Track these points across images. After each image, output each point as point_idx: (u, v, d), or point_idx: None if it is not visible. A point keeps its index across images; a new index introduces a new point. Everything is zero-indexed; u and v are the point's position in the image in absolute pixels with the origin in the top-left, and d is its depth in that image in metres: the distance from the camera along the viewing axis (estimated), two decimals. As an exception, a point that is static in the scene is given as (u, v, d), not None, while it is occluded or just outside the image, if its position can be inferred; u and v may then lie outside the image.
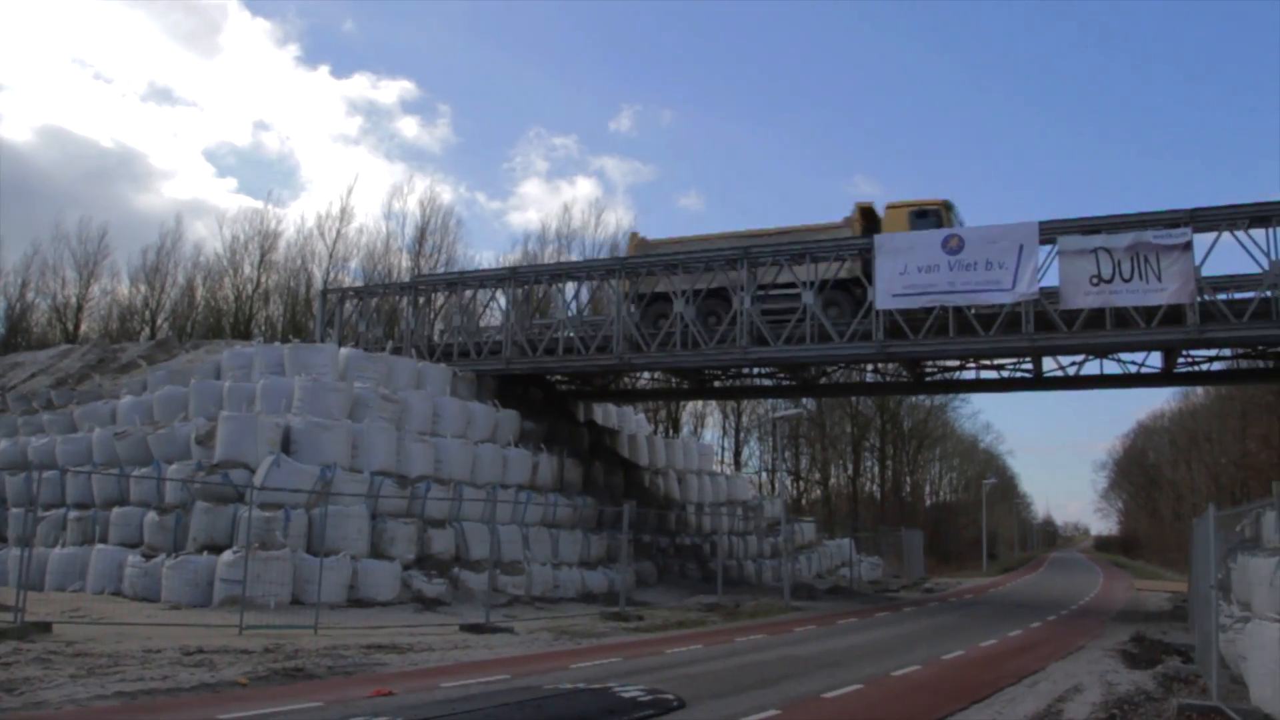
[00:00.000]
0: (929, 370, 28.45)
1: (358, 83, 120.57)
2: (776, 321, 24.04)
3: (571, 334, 27.13)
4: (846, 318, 23.73)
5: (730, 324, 24.39)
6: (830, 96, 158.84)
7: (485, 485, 23.39)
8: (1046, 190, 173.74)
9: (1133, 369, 25.67)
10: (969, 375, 28.69)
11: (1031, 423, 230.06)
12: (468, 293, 29.65)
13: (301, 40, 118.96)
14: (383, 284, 40.20)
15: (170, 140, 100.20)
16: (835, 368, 29.39)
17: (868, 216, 25.22)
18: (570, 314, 28.54)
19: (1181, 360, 25.32)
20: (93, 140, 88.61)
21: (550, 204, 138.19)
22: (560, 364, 27.48)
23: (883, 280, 22.75)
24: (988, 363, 26.75)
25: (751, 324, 24.30)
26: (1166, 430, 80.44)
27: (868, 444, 69.13)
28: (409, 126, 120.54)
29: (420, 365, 26.32)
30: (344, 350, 25.49)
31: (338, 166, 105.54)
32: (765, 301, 24.44)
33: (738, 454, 60.96)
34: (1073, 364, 25.79)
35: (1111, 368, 25.72)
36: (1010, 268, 21.61)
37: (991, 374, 27.67)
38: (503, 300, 28.38)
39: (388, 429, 22.22)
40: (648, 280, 26.20)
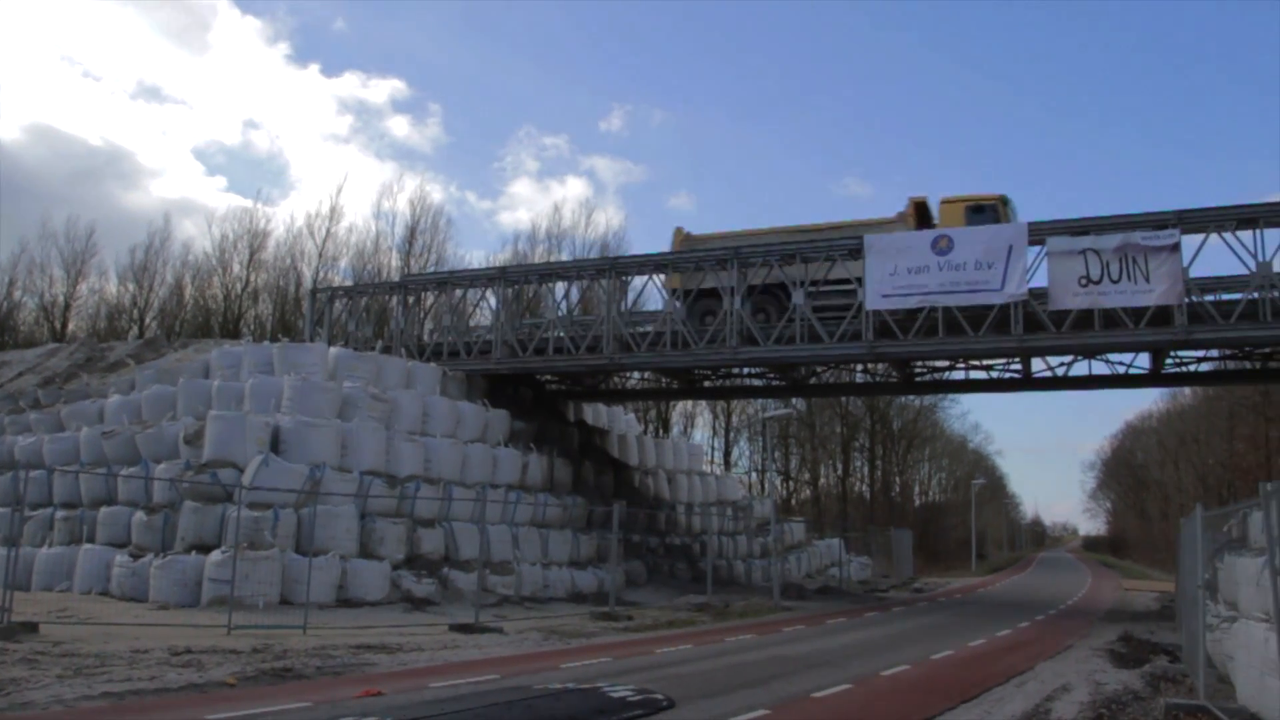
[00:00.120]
0: (918, 370, 28.52)
1: (348, 81, 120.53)
2: (832, 318, 23.53)
3: (561, 334, 27.10)
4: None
5: (788, 321, 23.76)
6: (822, 97, 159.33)
7: (475, 485, 23.35)
8: (1037, 191, 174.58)
9: (1121, 370, 25.77)
10: (958, 375, 28.78)
11: (1020, 423, 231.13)
12: (458, 292, 29.62)
13: (292, 39, 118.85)
14: (372, 283, 40.13)
15: (159, 139, 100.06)
16: (825, 368, 29.44)
17: (921, 211, 24.78)
18: (560, 314, 28.52)
19: (1169, 361, 25.45)
20: (81, 138, 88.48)
21: (541, 204, 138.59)
22: (550, 364, 27.45)
23: (872, 281, 22.77)
24: (977, 363, 26.82)
25: (741, 324, 24.33)
26: (1154, 431, 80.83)
27: (857, 444, 69.30)
28: (399, 125, 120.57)
29: (410, 365, 26.27)
30: (333, 350, 25.44)
31: (327, 165, 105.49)
32: (818, 298, 23.93)
33: (727, 454, 61.12)
34: (1061, 365, 25.87)
35: (1100, 368, 25.82)
36: (999, 268, 21.69)
37: (980, 374, 27.74)
38: (493, 300, 28.35)
39: (377, 428, 22.18)
40: (694, 276, 25.53)
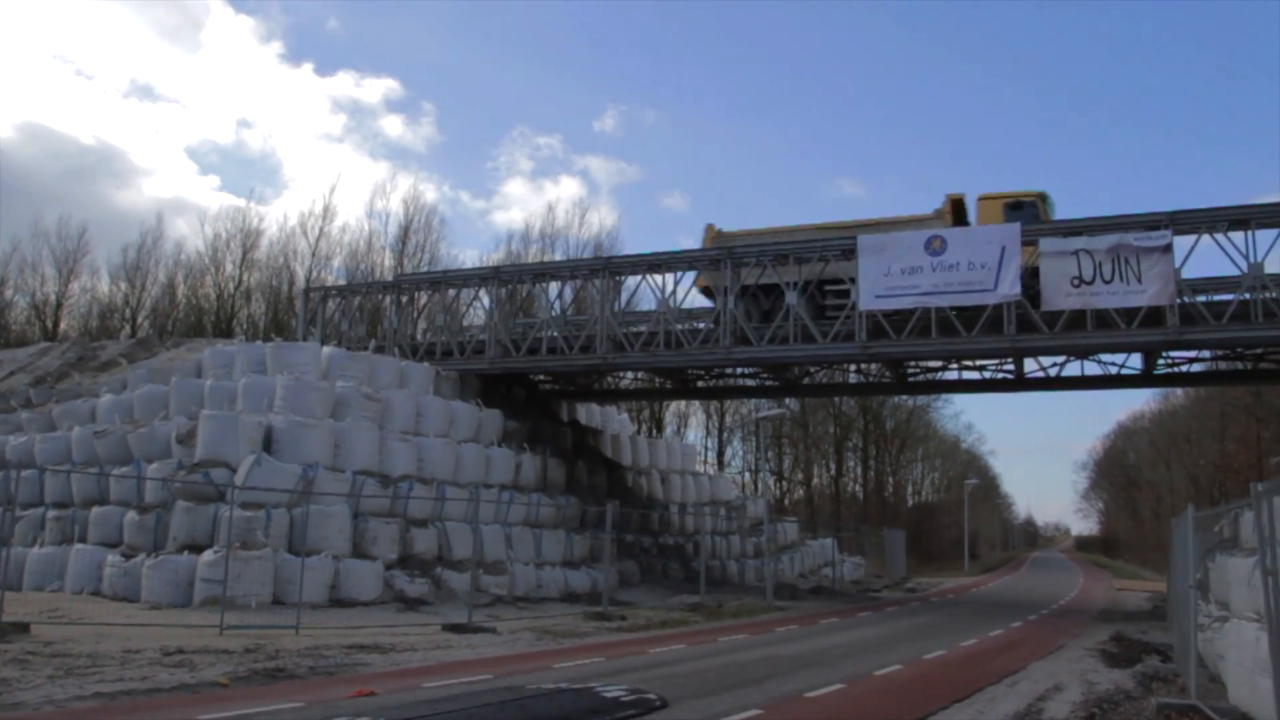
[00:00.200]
0: (911, 371, 28.55)
1: (341, 81, 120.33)
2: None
3: (555, 334, 27.09)
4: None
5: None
6: (815, 98, 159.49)
7: (468, 485, 23.33)
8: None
9: (1113, 370, 25.83)
10: (951, 376, 28.83)
11: (1013, 423, 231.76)
12: (451, 292, 29.58)
13: (285, 38, 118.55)
14: (366, 283, 40.12)
15: (152, 137, 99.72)
16: (818, 368, 29.46)
17: (957, 208, 24.58)
18: (554, 314, 28.50)
19: (1161, 362, 25.53)
20: (73, 137, 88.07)
21: (534, 203, 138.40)
22: (544, 364, 27.43)
23: (866, 281, 22.80)
24: (970, 363, 26.87)
25: (735, 324, 24.34)
26: (1146, 431, 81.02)
27: (850, 444, 69.33)
28: (393, 125, 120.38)
29: (403, 364, 26.24)
30: (326, 349, 25.38)
31: (321, 165, 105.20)
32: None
33: (721, 454, 61.13)
34: (1054, 365, 25.92)
35: (1092, 369, 25.89)
36: (992, 269, 21.73)
37: (973, 374, 27.80)
38: (486, 300, 28.32)
39: (370, 428, 22.15)
40: (751, 271, 24.99)
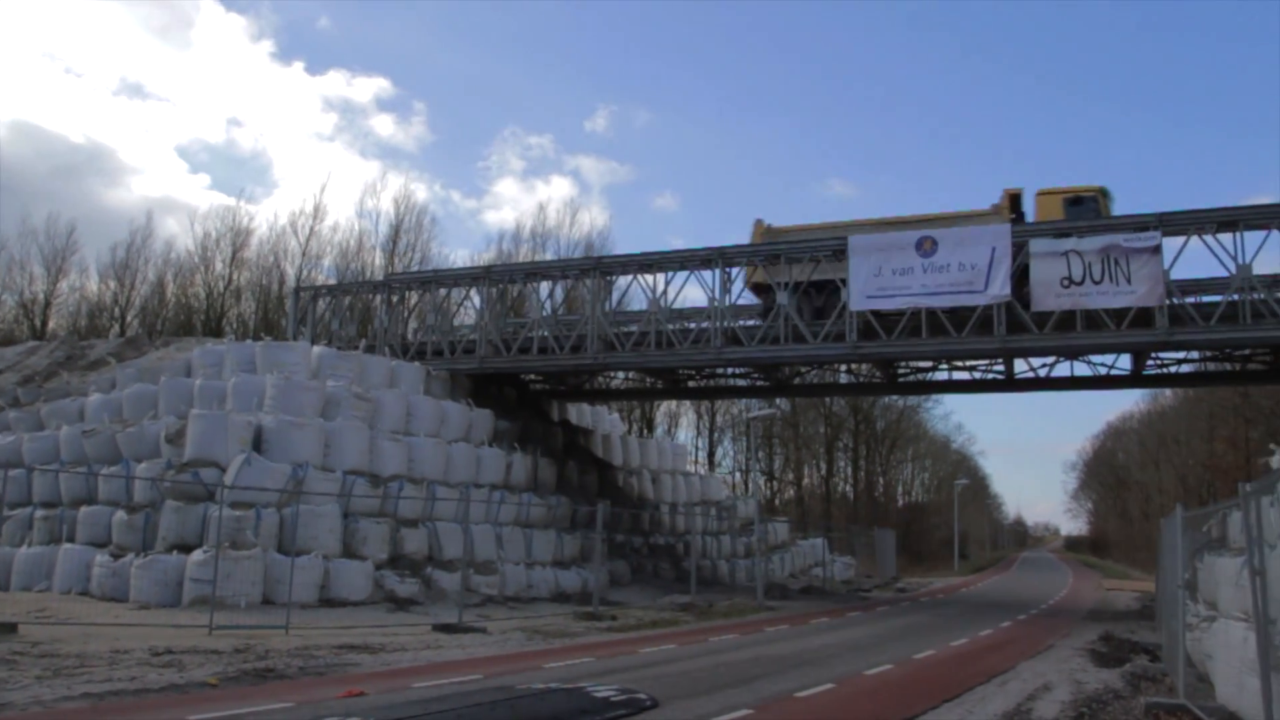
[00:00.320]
0: (902, 371, 28.62)
1: (332, 80, 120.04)
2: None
3: (546, 333, 27.06)
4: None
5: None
6: (806, 98, 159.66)
7: (458, 485, 23.30)
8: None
9: (1103, 371, 25.93)
10: (941, 376, 28.92)
11: (1003, 424, 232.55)
12: (442, 291, 29.55)
13: (276, 36, 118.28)
14: (356, 282, 40.01)
15: (142, 136, 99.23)
16: (809, 368, 29.50)
17: (1015, 203, 24.27)
18: (545, 313, 28.48)
19: (1150, 362, 25.64)
20: (62, 135, 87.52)
21: (525, 203, 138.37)
22: (535, 363, 27.41)
23: (857, 281, 22.84)
24: (960, 364, 26.94)
25: (725, 324, 24.35)
26: (1135, 432, 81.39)
27: (841, 444, 69.46)
28: (384, 124, 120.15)
29: (394, 364, 26.19)
30: (317, 348, 25.33)
31: (311, 164, 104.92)
32: None
33: (711, 454, 61.20)
34: (1044, 365, 26.02)
35: (1082, 369, 25.98)
36: (983, 270, 21.79)
37: (964, 375, 27.89)
38: (477, 299, 28.30)
39: (360, 428, 22.10)
40: (798, 270, 24.57)
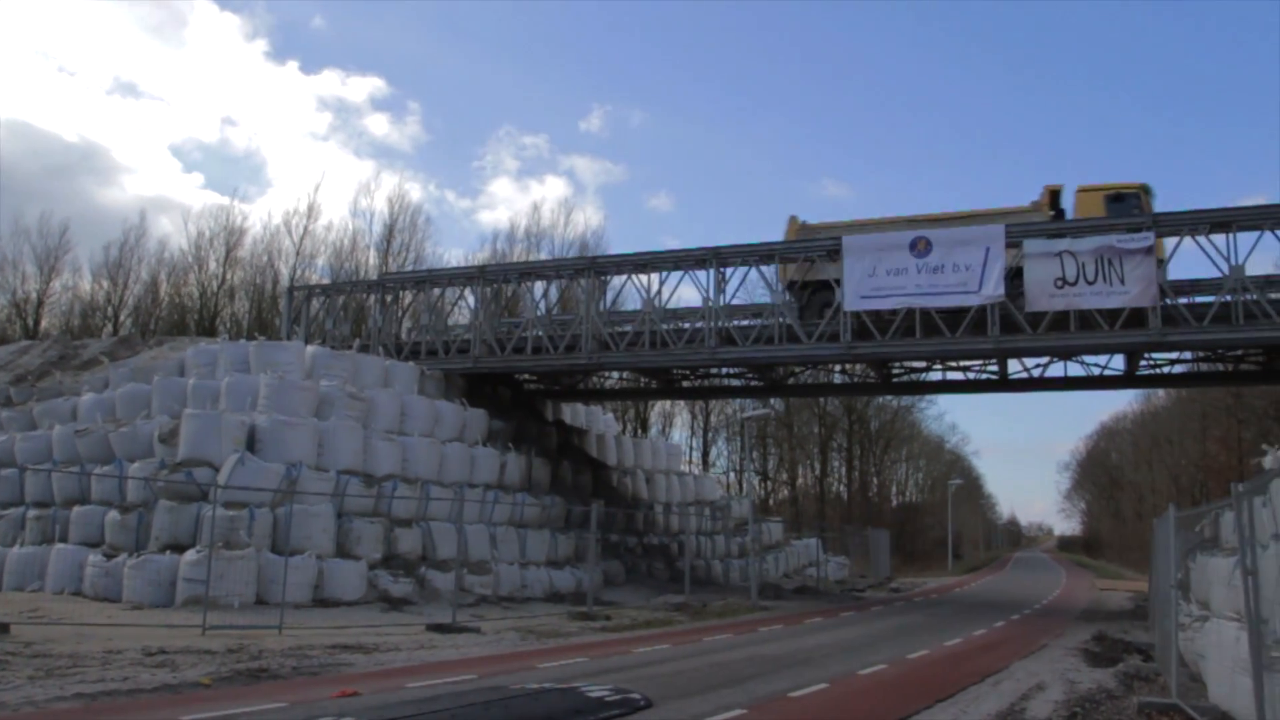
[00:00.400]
0: (896, 371, 28.64)
1: (327, 79, 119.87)
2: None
3: (540, 333, 27.04)
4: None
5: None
6: (801, 99, 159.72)
7: (452, 484, 23.28)
8: (1014, 194, 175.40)
9: (1096, 371, 25.98)
10: (935, 376, 28.94)
11: (997, 424, 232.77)
12: (436, 291, 29.51)
13: (270, 35, 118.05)
14: (350, 281, 40.00)
15: (135, 135, 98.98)
16: (803, 368, 29.52)
17: (1055, 199, 24.10)
18: (539, 313, 28.45)
19: (1144, 363, 25.70)
20: (56, 134, 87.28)
21: (520, 203, 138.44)
22: (529, 363, 27.38)
23: (850, 281, 22.86)
24: (954, 364, 26.98)
25: (719, 324, 24.35)
26: (1129, 432, 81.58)
27: (835, 444, 69.49)
28: (378, 124, 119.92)
29: (387, 364, 26.15)
30: (310, 348, 25.28)
31: (306, 163, 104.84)
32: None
33: (706, 454, 61.17)
34: (1037, 366, 26.05)
35: (1075, 370, 26.04)
36: (977, 270, 21.82)
37: (958, 375, 27.92)
38: (471, 299, 28.27)
39: (354, 427, 22.06)
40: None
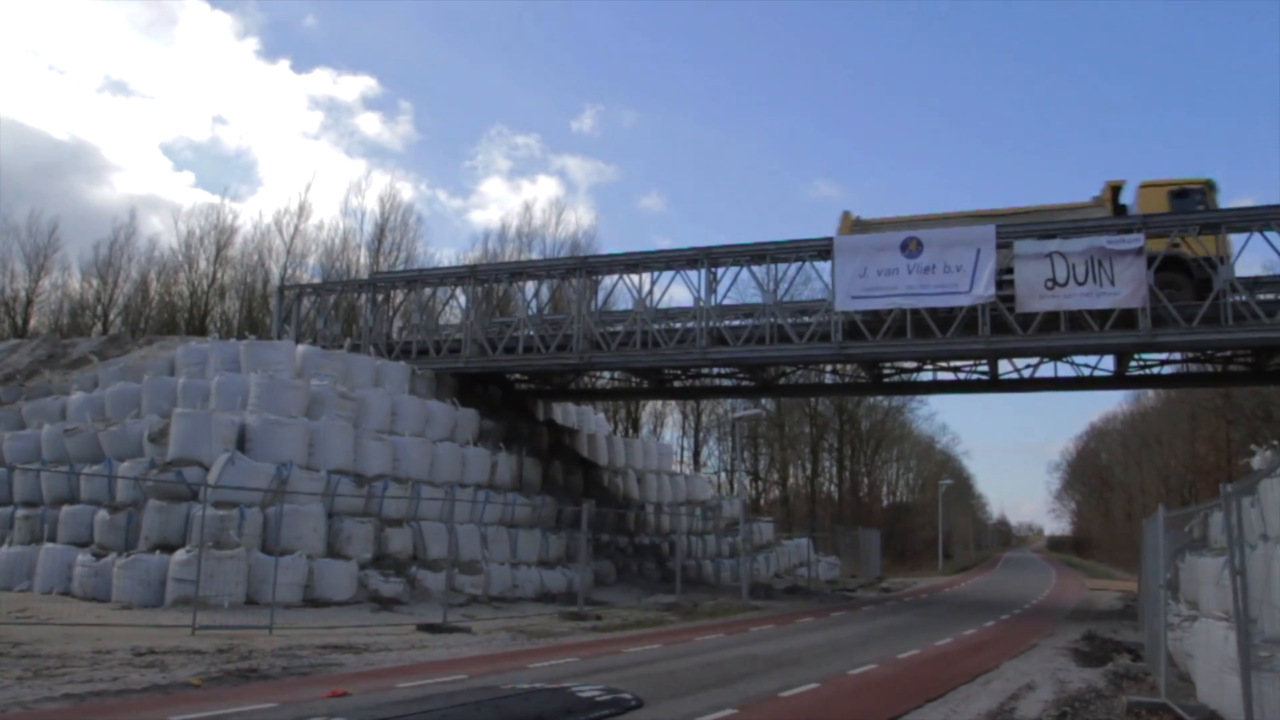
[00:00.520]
0: (887, 371, 28.68)
1: (318, 78, 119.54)
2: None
3: (531, 333, 27.01)
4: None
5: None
6: (793, 99, 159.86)
7: (443, 484, 23.25)
8: (1007, 196, 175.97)
9: (1086, 372, 26.05)
10: (926, 377, 29.00)
11: (987, 424, 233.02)
12: (427, 290, 29.46)
13: (261, 34, 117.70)
14: (341, 281, 39.87)
15: (125, 133, 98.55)
16: (794, 368, 29.55)
17: (1116, 195, 23.65)
18: (530, 313, 28.44)
19: (1133, 364, 25.80)
20: (45, 132, 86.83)
21: (511, 203, 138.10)
22: (520, 363, 27.36)
23: (842, 281, 22.90)
24: (945, 364, 27.02)
25: (710, 324, 24.38)
26: (1118, 432, 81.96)
27: (826, 444, 69.61)
28: (370, 123, 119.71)
29: (378, 363, 26.09)
30: (301, 347, 25.22)
31: (297, 162, 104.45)
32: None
33: (697, 454, 61.24)
34: (1028, 366, 26.13)
35: (1065, 370, 26.09)
36: (968, 271, 21.87)
37: (948, 375, 27.96)
38: (462, 298, 28.23)
39: (345, 427, 22.02)
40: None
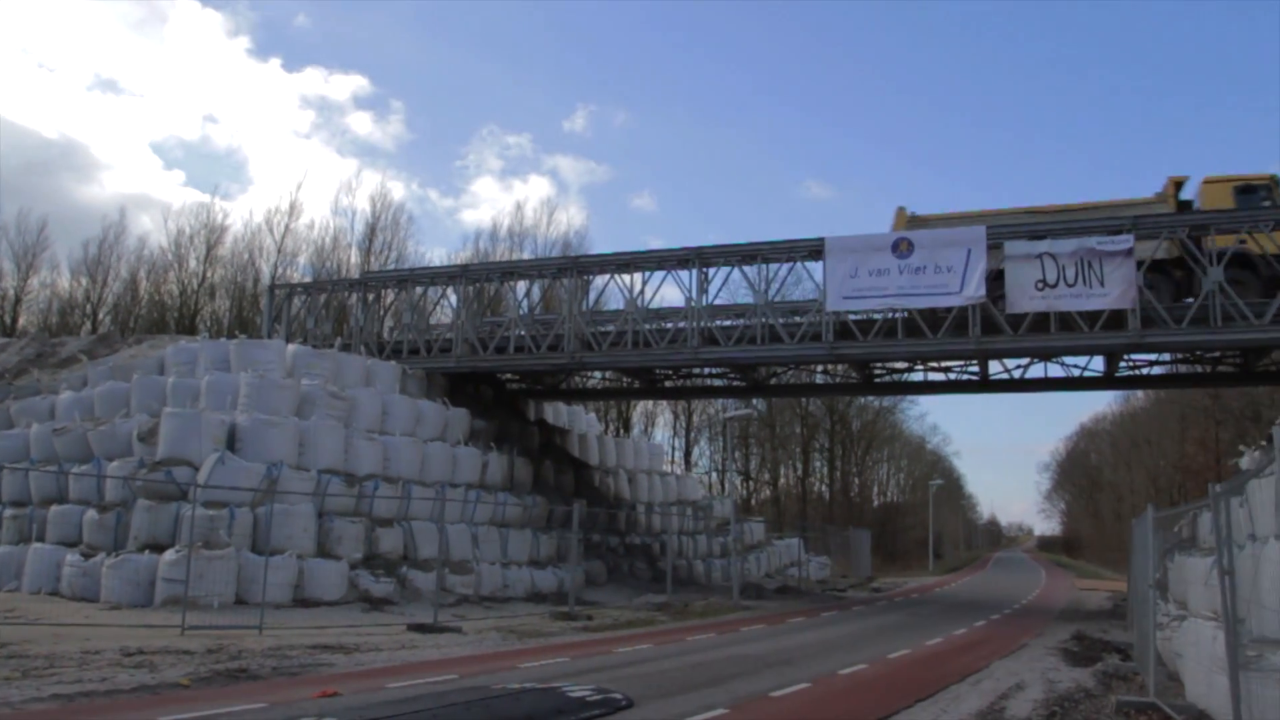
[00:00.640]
0: (878, 372, 28.73)
1: (310, 77, 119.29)
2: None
3: (523, 332, 26.99)
4: (1165, 300, 21.32)
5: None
6: (785, 100, 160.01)
7: (434, 484, 23.21)
8: (1000, 197, 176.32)
9: (1076, 372, 26.14)
10: (917, 377, 29.03)
11: (978, 425, 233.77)
12: (418, 290, 29.40)
13: (253, 33, 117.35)
14: (332, 280, 39.79)
15: (115, 132, 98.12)
16: (785, 368, 29.58)
17: (1178, 191, 23.32)
18: (522, 313, 28.40)
19: (1123, 364, 25.89)
20: (34, 130, 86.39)
21: (503, 202, 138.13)
22: (511, 362, 27.32)
23: (833, 282, 22.94)
24: (935, 365, 27.07)
25: (702, 324, 24.39)
26: (1108, 433, 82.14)
27: (817, 445, 69.68)
28: (361, 122, 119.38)
29: (369, 363, 26.04)
30: (292, 347, 25.15)
31: (288, 161, 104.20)
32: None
33: (688, 454, 61.28)
34: (1018, 367, 26.20)
35: (1055, 371, 26.18)
36: (958, 271, 21.92)
37: (939, 376, 28.02)
38: (453, 298, 28.19)
39: (335, 427, 21.97)
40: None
